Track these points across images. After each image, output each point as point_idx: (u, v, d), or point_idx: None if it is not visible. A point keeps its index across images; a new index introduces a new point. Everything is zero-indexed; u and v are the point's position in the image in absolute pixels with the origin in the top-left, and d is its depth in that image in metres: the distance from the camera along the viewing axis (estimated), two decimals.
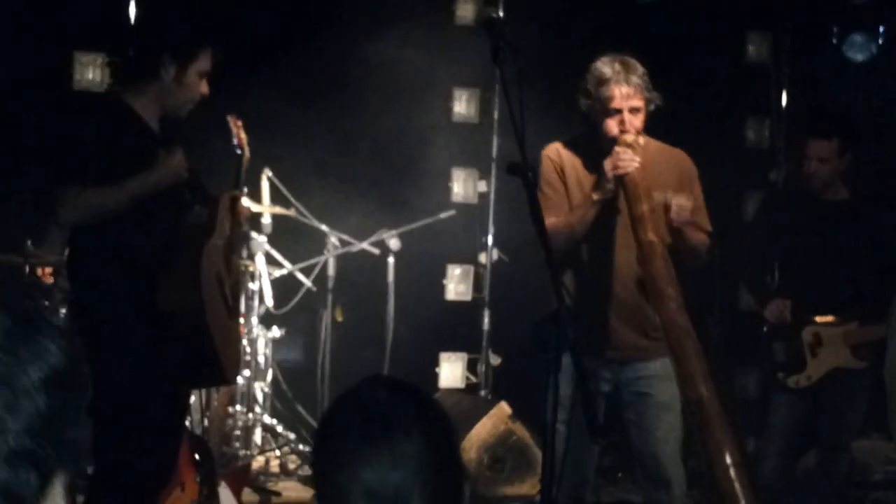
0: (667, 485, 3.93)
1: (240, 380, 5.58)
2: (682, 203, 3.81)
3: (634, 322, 3.93)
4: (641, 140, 3.86)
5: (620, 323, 3.94)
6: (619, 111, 3.80)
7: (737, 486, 3.46)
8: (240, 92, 5.44)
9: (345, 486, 1.57)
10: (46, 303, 4.89)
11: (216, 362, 3.54)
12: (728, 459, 3.46)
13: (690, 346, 3.60)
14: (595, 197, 3.81)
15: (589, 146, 3.93)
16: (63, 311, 4.64)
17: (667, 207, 3.82)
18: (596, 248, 3.92)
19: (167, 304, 3.42)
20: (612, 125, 3.82)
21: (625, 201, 3.81)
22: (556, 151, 3.99)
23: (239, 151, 3.95)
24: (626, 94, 3.78)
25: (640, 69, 3.85)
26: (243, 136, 4.01)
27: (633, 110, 3.81)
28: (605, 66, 3.84)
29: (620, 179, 3.75)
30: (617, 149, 3.77)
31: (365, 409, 1.63)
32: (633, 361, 3.95)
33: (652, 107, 3.88)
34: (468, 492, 1.62)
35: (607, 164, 3.76)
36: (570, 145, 4.01)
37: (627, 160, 3.73)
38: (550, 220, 3.81)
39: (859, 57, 6.72)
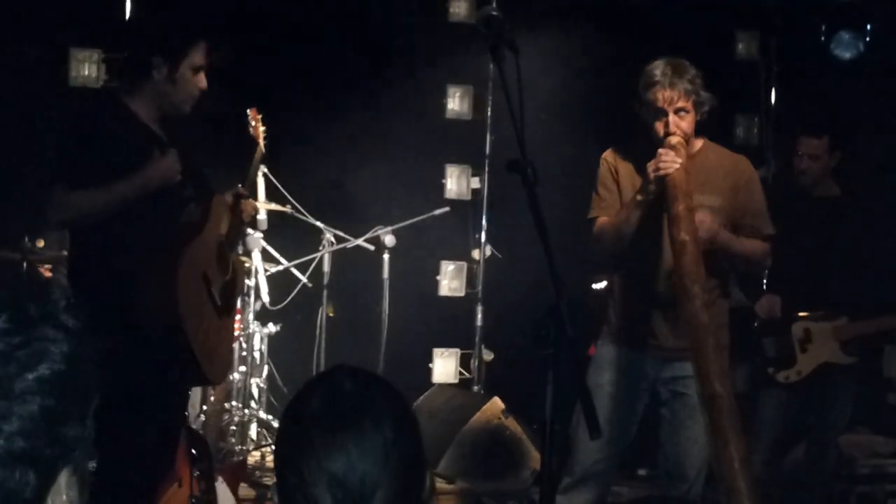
0: (685, 482, 4.00)
1: (236, 376, 5.62)
2: (702, 218, 3.86)
3: (676, 322, 3.95)
4: (699, 143, 3.95)
5: (663, 321, 4.00)
6: (665, 113, 3.86)
7: (740, 479, 3.51)
8: (236, 89, 5.50)
9: (309, 475, 1.54)
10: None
11: (193, 363, 3.47)
12: (734, 455, 3.51)
13: (710, 344, 3.65)
14: (638, 198, 3.88)
15: (644, 149, 3.98)
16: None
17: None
18: (641, 248, 3.97)
19: (141, 305, 3.37)
20: (658, 127, 3.88)
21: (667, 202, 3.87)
22: (612, 155, 4.08)
23: (255, 145, 3.99)
24: (670, 97, 3.83)
25: (690, 72, 3.89)
26: (261, 129, 4.03)
27: (680, 112, 3.86)
28: (655, 69, 3.89)
29: (662, 180, 3.80)
30: (660, 150, 3.82)
31: (333, 397, 1.61)
32: (674, 360, 4.00)
33: (706, 108, 3.92)
34: (430, 479, 1.60)
35: (650, 166, 3.82)
36: (627, 149, 4.09)
37: (669, 161, 3.77)
38: (601, 221, 3.99)
39: (847, 55, 6.77)
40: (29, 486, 0.89)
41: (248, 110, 4.09)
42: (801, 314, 4.92)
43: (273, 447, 1.68)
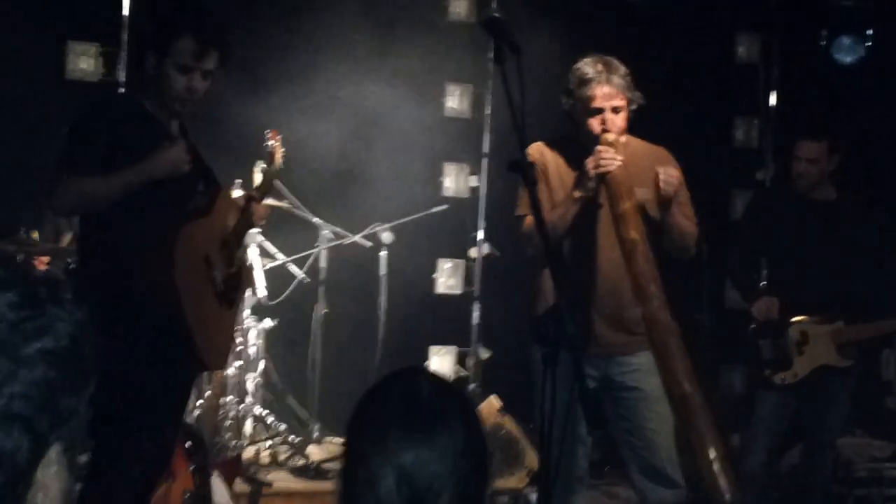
0: (662, 476, 3.93)
1: (231, 370, 5.61)
2: (670, 171, 3.84)
3: (618, 318, 3.94)
4: (623, 139, 3.88)
5: (603, 319, 3.95)
6: (600, 111, 3.85)
7: (721, 480, 3.50)
8: (233, 87, 5.49)
9: (379, 468, 1.60)
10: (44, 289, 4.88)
11: (191, 344, 3.42)
12: (712, 454, 3.50)
13: (673, 343, 3.63)
14: (576, 195, 3.84)
15: (572, 145, 3.96)
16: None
17: (655, 180, 3.85)
18: (578, 246, 3.94)
19: (140, 287, 3.32)
20: (594, 124, 3.86)
21: (607, 199, 3.84)
22: (538, 150, 4.01)
23: (269, 163, 3.97)
24: (608, 93, 3.82)
25: (622, 69, 3.88)
26: (279, 151, 4.02)
27: (615, 109, 3.85)
28: (588, 66, 3.87)
29: (602, 178, 3.79)
30: (599, 147, 3.80)
31: (410, 397, 1.67)
32: (619, 355, 3.96)
33: (634, 106, 3.91)
34: (490, 489, 1.65)
35: (589, 163, 3.79)
36: (553, 144, 4.04)
37: (609, 159, 3.76)
38: (531, 218, 3.86)
39: (847, 59, 6.78)
40: (21, 451, 0.92)
41: (266, 132, 4.07)
42: (798, 317, 4.92)
43: (345, 437, 1.71)
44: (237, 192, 4.02)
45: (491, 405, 5.66)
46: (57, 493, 0.98)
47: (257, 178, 5.71)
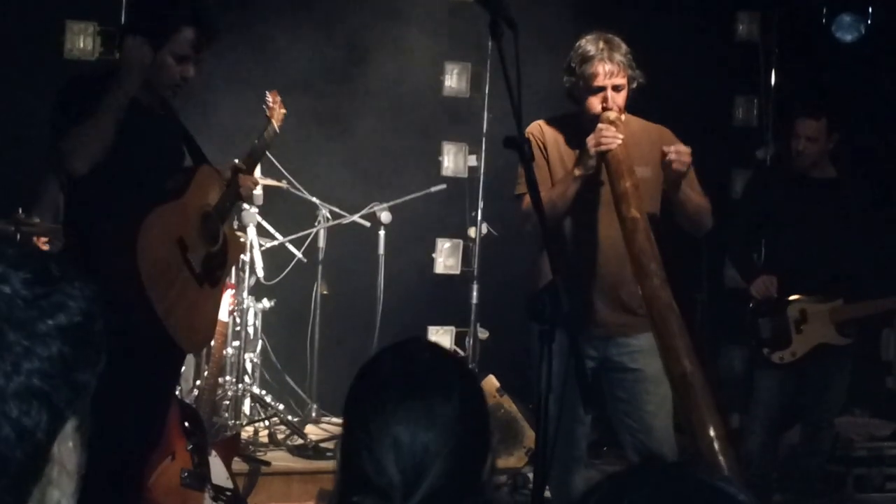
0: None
1: (229, 350, 5.61)
2: (680, 147, 3.81)
3: (617, 298, 3.93)
4: (623, 117, 3.87)
5: (603, 298, 3.94)
6: (602, 89, 3.82)
7: (721, 458, 3.50)
8: (232, 63, 5.47)
9: (375, 433, 1.60)
10: None
11: (160, 330, 3.38)
12: (712, 432, 3.49)
13: (673, 321, 3.61)
14: (577, 172, 3.82)
15: (572, 123, 3.95)
16: None
17: (663, 157, 3.82)
18: (578, 225, 3.93)
19: (105, 270, 3.25)
20: (595, 102, 3.84)
21: (607, 178, 3.82)
22: (538, 128, 4.00)
23: (266, 125, 3.95)
24: (610, 71, 3.80)
25: (623, 47, 3.86)
26: (278, 112, 3.98)
27: (616, 88, 3.83)
28: (589, 44, 3.85)
29: (603, 156, 3.77)
30: (600, 125, 3.78)
31: (409, 365, 1.67)
32: (617, 337, 3.95)
33: (635, 84, 3.89)
34: (491, 461, 1.62)
35: (590, 141, 3.77)
36: (553, 122, 4.03)
37: (610, 137, 3.75)
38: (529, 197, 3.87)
39: (848, 37, 6.75)
40: (41, 427, 0.93)
41: (267, 92, 4.04)
42: (797, 295, 4.91)
43: (344, 407, 1.71)
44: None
45: (490, 385, 5.66)
46: (73, 468, 0.99)
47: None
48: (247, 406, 5.74)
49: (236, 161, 3.82)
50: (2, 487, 0.92)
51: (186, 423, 4.14)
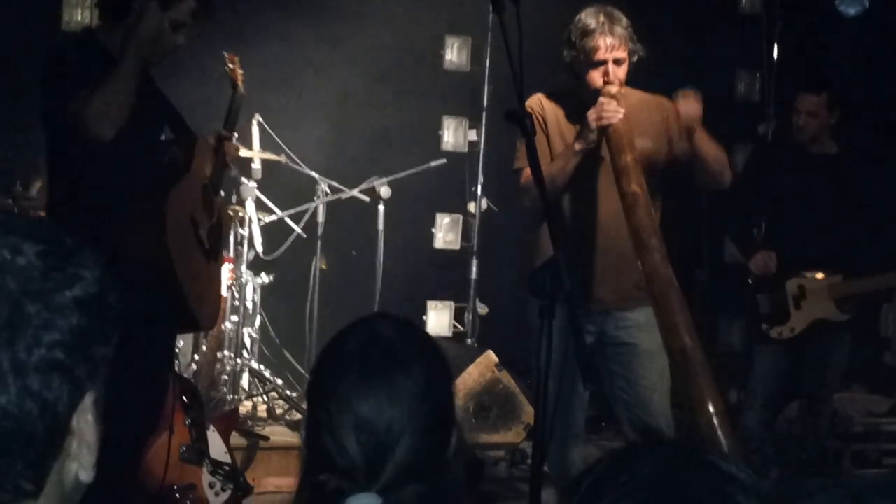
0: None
1: (228, 325, 5.60)
2: (689, 95, 3.81)
3: (617, 272, 3.91)
4: (623, 91, 3.84)
5: (603, 273, 3.92)
6: (603, 62, 3.79)
7: (720, 433, 3.49)
8: (232, 37, 5.43)
9: (337, 414, 1.56)
10: None
11: (185, 308, 3.39)
12: (711, 408, 3.48)
13: (674, 296, 3.59)
14: (577, 147, 3.80)
15: (572, 97, 3.92)
16: None
17: (677, 114, 3.81)
18: (578, 199, 3.91)
19: (131, 251, 3.25)
20: (595, 76, 3.81)
21: (608, 152, 3.80)
22: (538, 102, 3.96)
23: (233, 89, 3.91)
24: (611, 45, 3.77)
25: (624, 20, 3.83)
26: (239, 72, 3.95)
27: (617, 61, 3.80)
28: (590, 18, 3.82)
29: (604, 130, 3.75)
30: (601, 99, 3.76)
31: (370, 342, 1.63)
32: (615, 311, 3.94)
33: (636, 58, 3.86)
34: (456, 437, 1.58)
35: (591, 115, 3.75)
36: (553, 96, 3.99)
37: (612, 111, 3.73)
38: (529, 171, 3.84)
39: (851, 11, 6.70)
40: (62, 400, 0.93)
41: (224, 53, 4.00)
42: (795, 271, 4.90)
43: (309, 381, 1.69)
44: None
45: (488, 360, 5.66)
46: (92, 440, 0.99)
47: (255, 131, 5.67)
48: (245, 381, 5.74)
49: (221, 130, 3.78)
50: (26, 463, 0.93)
51: (185, 398, 4.14)
